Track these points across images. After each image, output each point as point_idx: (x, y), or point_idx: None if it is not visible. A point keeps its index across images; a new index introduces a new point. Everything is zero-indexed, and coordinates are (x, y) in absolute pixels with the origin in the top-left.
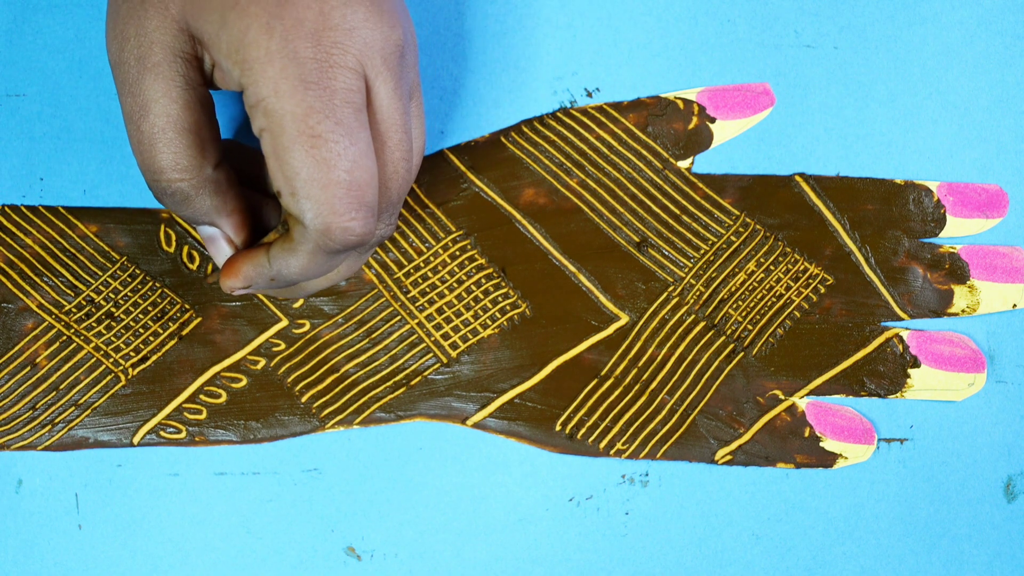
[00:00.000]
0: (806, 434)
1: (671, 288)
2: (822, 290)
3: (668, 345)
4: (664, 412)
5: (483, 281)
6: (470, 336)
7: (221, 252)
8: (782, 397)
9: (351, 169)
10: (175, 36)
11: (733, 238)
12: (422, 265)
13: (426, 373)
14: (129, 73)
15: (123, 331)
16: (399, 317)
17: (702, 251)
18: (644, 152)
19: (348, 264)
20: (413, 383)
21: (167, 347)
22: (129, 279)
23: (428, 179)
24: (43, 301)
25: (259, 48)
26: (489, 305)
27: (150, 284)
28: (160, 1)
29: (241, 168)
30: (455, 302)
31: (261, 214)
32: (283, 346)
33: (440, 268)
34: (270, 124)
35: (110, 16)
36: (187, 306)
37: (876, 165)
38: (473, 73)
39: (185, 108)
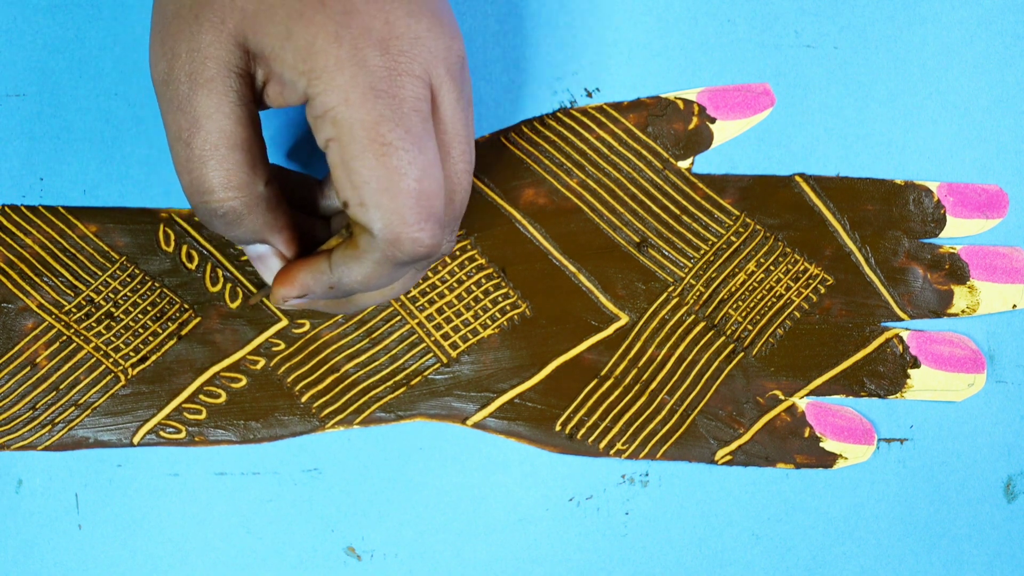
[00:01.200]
0: (806, 434)
1: (671, 288)
2: (822, 290)
3: (668, 345)
4: (664, 412)
5: (483, 281)
6: (470, 336)
7: (271, 269)
8: (782, 397)
9: (420, 178)
10: (230, 51)
11: (733, 238)
12: None
13: (426, 373)
14: (179, 90)
15: (123, 331)
16: (399, 317)
17: (702, 251)
18: (644, 152)
19: (405, 280)
20: (413, 383)
21: (167, 347)
22: (129, 279)
23: None
24: (43, 301)
25: (328, 56)
26: (489, 305)
27: (149, 284)
28: (216, 15)
29: (283, 192)
30: (455, 302)
31: (308, 233)
32: (283, 346)
33: (440, 268)
34: (339, 133)
35: (156, 35)
36: (186, 306)
37: (876, 165)
38: (473, 73)
39: (238, 124)
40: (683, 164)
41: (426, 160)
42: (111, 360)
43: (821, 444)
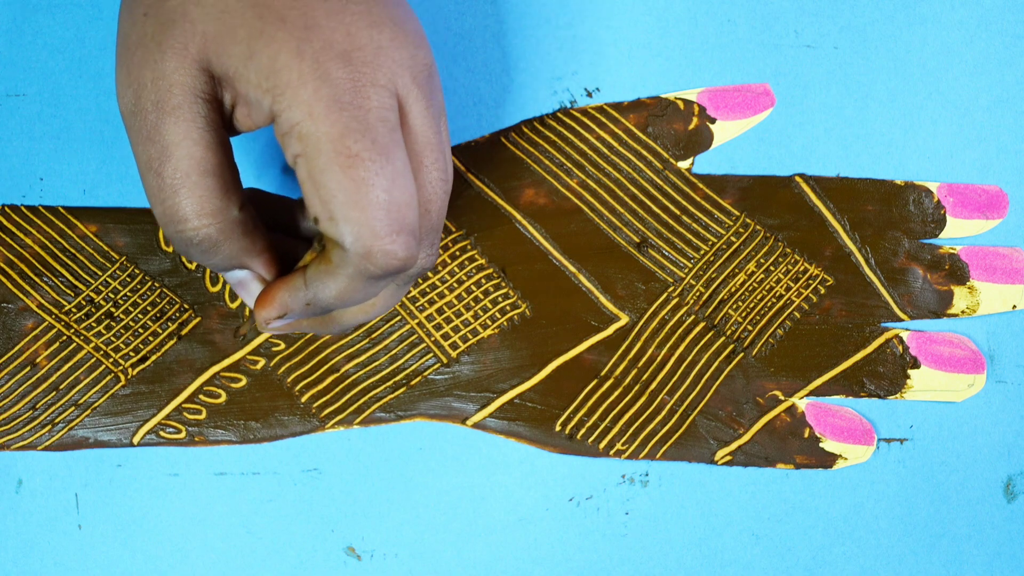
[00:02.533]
0: (806, 435)
1: (671, 288)
2: (822, 291)
3: (668, 345)
4: (664, 412)
5: (483, 281)
6: (470, 336)
7: (252, 294)
8: (782, 398)
9: (390, 189)
10: (195, 77)
11: (733, 239)
12: None
13: (426, 373)
14: (147, 119)
15: (123, 331)
16: (399, 317)
17: (702, 251)
18: (644, 152)
19: (386, 297)
20: (413, 383)
21: (167, 347)
22: (129, 279)
23: None
24: (43, 301)
25: (291, 72)
26: (489, 305)
27: (149, 284)
28: (178, 42)
29: (262, 216)
30: (455, 302)
31: (289, 255)
32: (283, 346)
33: (440, 268)
34: (305, 148)
35: (121, 65)
36: (186, 306)
37: (876, 165)
38: (473, 73)
39: (208, 150)
40: (683, 164)
41: (395, 170)
42: (111, 360)
43: (821, 444)
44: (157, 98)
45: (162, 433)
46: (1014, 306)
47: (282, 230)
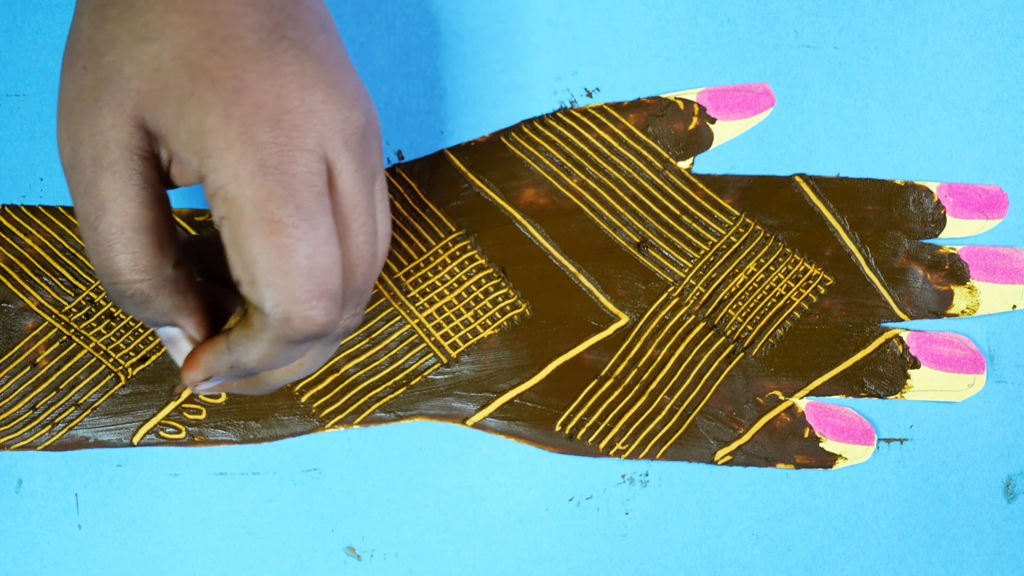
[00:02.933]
0: (806, 435)
1: (671, 288)
2: (822, 291)
3: (668, 345)
4: (664, 412)
5: (483, 281)
6: (470, 336)
7: (182, 353)
8: (782, 398)
9: (312, 255)
10: (131, 134)
11: (733, 239)
12: (422, 265)
13: (426, 373)
14: (84, 174)
15: (123, 331)
16: (399, 317)
17: (702, 251)
18: (644, 152)
19: (313, 356)
20: (413, 383)
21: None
22: None
23: (428, 179)
24: (43, 301)
25: (218, 135)
26: (489, 305)
27: None
28: (114, 99)
29: (205, 264)
30: (455, 302)
31: (223, 309)
32: None
33: (440, 268)
34: (229, 211)
35: (61, 118)
36: None
37: (876, 165)
38: (473, 73)
39: (143, 206)
40: (683, 164)
41: (318, 236)
42: (111, 360)
43: (821, 444)
44: (94, 153)
45: (162, 433)
46: (1014, 306)
47: (218, 278)
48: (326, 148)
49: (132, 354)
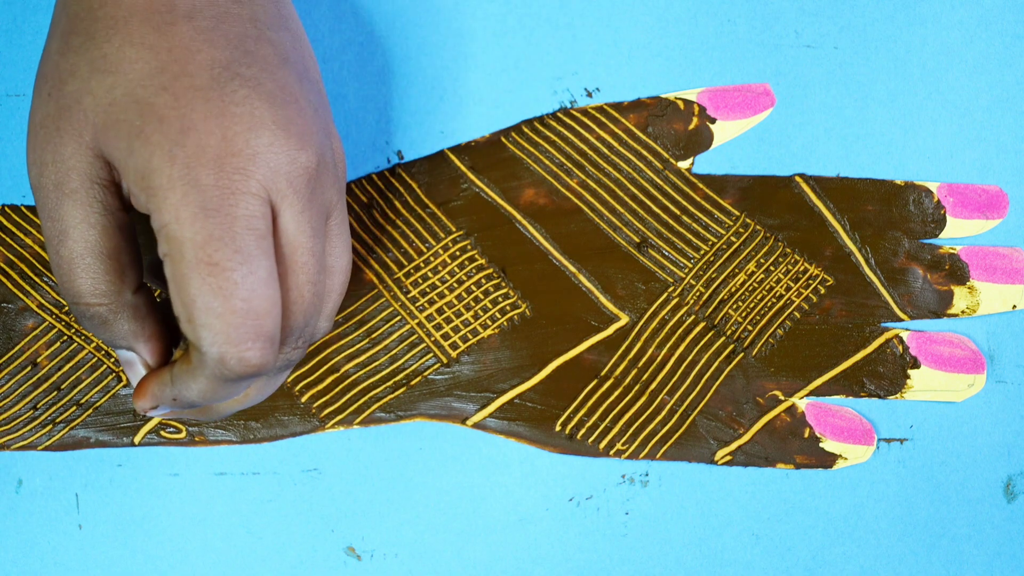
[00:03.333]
0: (806, 435)
1: (671, 288)
2: (822, 291)
3: (668, 345)
4: (664, 412)
5: (483, 281)
6: (470, 336)
7: (137, 376)
8: (782, 398)
9: (249, 298)
10: (91, 163)
11: (733, 239)
12: (422, 265)
13: (426, 373)
14: (48, 198)
15: None
16: (399, 317)
17: (702, 251)
18: (644, 152)
19: (258, 388)
20: (413, 383)
21: None
22: None
23: (428, 179)
24: (43, 301)
25: (161, 175)
26: (489, 305)
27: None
28: (74, 128)
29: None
30: (455, 302)
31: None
32: None
33: (440, 268)
34: (170, 250)
35: (29, 141)
36: None
37: (876, 165)
38: (473, 73)
39: (103, 234)
40: (683, 164)
41: (256, 280)
42: (112, 360)
43: (821, 444)
44: (57, 180)
45: (162, 433)
46: (1014, 306)
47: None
48: (270, 190)
49: None
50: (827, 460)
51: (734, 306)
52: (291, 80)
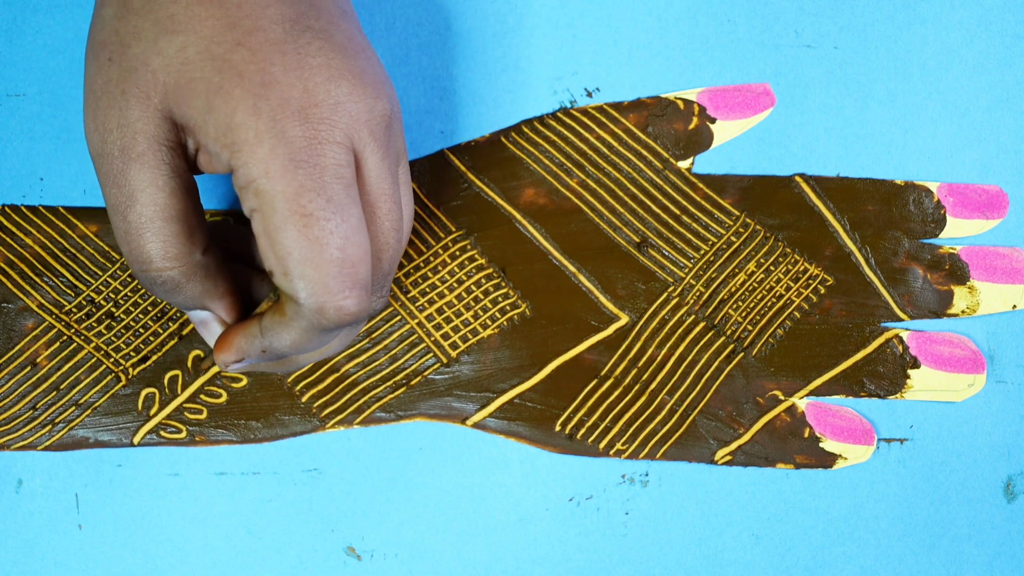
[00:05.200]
0: (806, 435)
1: (671, 288)
2: (822, 291)
3: (668, 345)
4: (664, 412)
5: (483, 281)
6: (470, 336)
7: (214, 335)
8: (782, 397)
9: (344, 246)
10: (158, 125)
11: (733, 238)
12: (422, 265)
13: (426, 373)
14: (113, 164)
15: (123, 331)
16: (399, 317)
17: (702, 251)
18: (644, 152)
19: (341, 339)
20: (413, 383)
21: (167, 347)
22: (129, 279)
23: (428, 179)
24: (43, 301)
25: (247, 130)
26: (489, 305)
27: None
28: (141, 91)
29: (229, 246)
30: (455, 302)
31: (251, 291)
32: None
33: (440, 268)
34: (261, 205)
35: (88, 108)
36: None
37: (876, 165)
38: (473, 73)
39: (172, 196)
40: (683, 164)
41: (349, 228)
42: (111, 360)
43: (821, 444)
44: (123, 144)
45: (162, 433)
46: (1014, 306)
47: (247, 262)
48: (353, 139)
49: (132, 354)
50: (827, 460)
51: (734, 306)
52: (354, 31)
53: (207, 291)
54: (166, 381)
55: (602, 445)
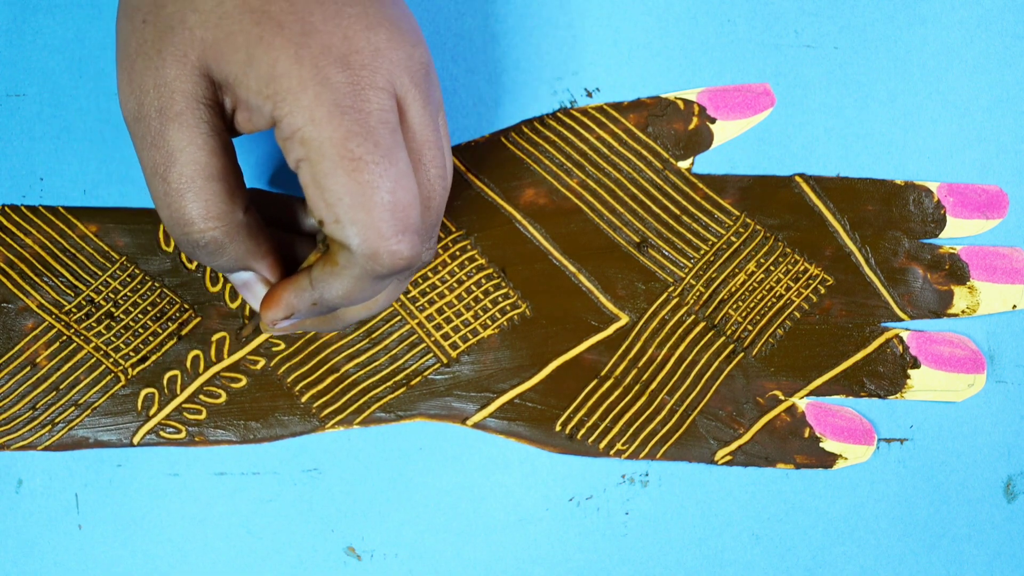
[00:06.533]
0: (806, 435)
1: (671, 288)
2: (822, 291)
3: (668, 345)
4: (664, 412)
5: (483, 281)
6: (470, 336)
7: (257, 296)
8: (782, 398)
9: (394, 190)
10: (196, 83)
11: (733, 238)
12: None
13: (426, 373)
14: (151, 126)
15: (123, 331)
16: (399, 317)
17: (702, 251)
18: (644, 152)
19: (388, 292)
20: (413, 383)
21: (167, 347)
22: (129, 279)
23: None
24: (43, 301)
25: (291, 78)
26: (489, 305)
27: (149, 284)
28: (178, 49)
29: (265, 211)
30: (455, 302)
31: (292, 253)
32: (283, 346)
33: (440, 268)
34: (308, 152)
35: (122, 71)
36: (186, 306)
37: (876, 165)
38: (473, 73)
39: (212, 155)
40: (683, 164)
41: (398, 172)
42: (111, 360)
43: (821, 444)
44: (160, 105)
45: (162, 433)
46: (1014, 306)
47: (283, 227)
48: (395, 85)
49: (132, 354)
50: (827, 460)
51: (734, 306)
52: None
53: (250, 251)
54: (165, 381)
55: (602, 445)
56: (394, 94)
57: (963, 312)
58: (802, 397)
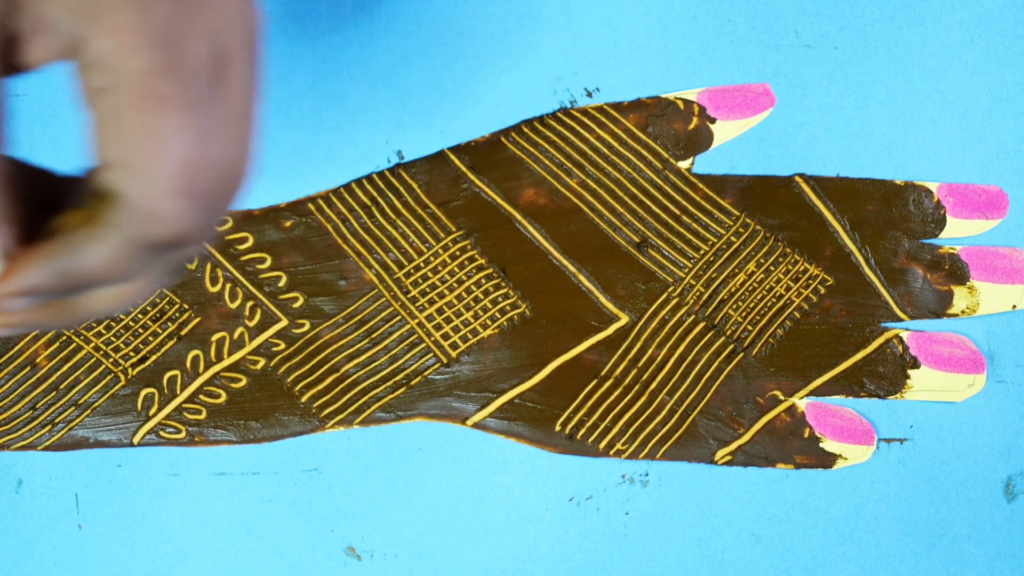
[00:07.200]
0: (806, 435)
1: (671, 288)
2: (822, 291)
3: (668, 345)
4: (664, 412)
5: (483, 281)
6: (470, 336)
7: None
8: (782, 398)
9: (195, 146)
10: None
11: (733, 238)
12: (422, 265)
13: (426, 373)
14: None
15: (123, 331)
16: (399, 317)
17: (702, 251)
18: (644, 152)
19: (146, 280)
20: (413, 383)
21: (167, 347)
22: None
23: (428, 179)
24: None
25: None
26: (489, 305)
27: None
28: None
29: (24, 190)
30: (455, 302)
31: (41, 233)
32: (283, 346)
33: (440, 268)
34: (112, 80)
35: None
36: (186, 306)
37: (876, 165)
38: (473, 73)
39: None
40: (683, 164)
41: (204, 128)
42: (111, 360)
43: (821, 444)
44: None
45: (162, 433)
46: (1014, 306)
47: (41, 207)
48: (225, 37)
49: (132, 354)
50: (827, 460)
51: (734, 306)
52: None
53: None
54: (165, 381)
55: (602, 445)
56: (222, 45)
57: (963, 312)
58: (802, 397)
